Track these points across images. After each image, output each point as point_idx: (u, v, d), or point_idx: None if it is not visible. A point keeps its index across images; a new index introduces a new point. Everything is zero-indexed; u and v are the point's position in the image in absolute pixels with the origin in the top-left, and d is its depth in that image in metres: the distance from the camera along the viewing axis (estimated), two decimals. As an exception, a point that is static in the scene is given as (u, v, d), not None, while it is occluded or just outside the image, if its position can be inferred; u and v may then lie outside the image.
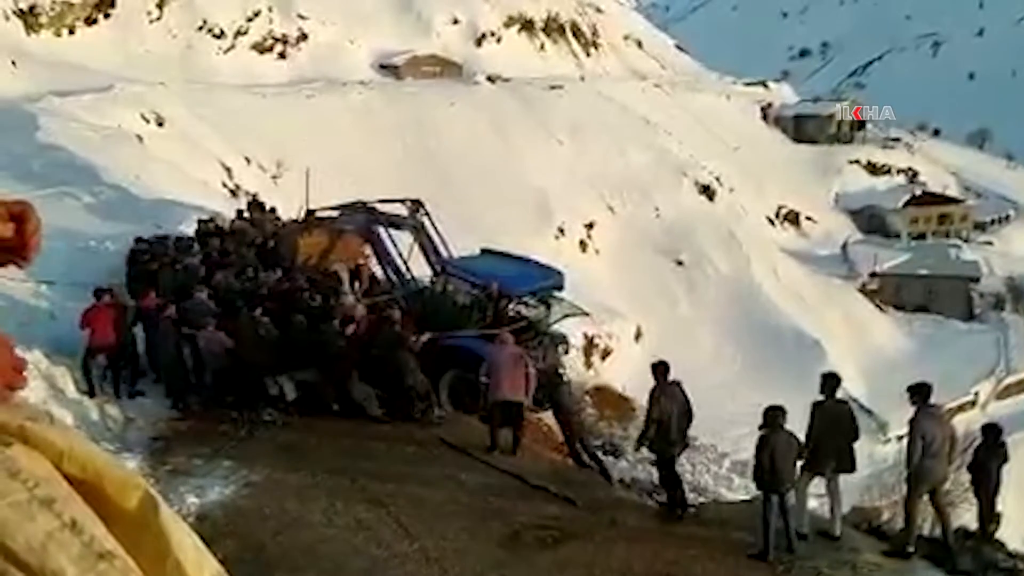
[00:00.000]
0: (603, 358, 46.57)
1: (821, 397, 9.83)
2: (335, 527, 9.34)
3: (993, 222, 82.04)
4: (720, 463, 18.60)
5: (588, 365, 40.61)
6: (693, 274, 57.72)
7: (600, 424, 17.94)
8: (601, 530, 9.64)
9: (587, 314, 15.73)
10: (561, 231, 56.79)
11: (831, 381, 9.96)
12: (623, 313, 51.42)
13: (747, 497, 10.59)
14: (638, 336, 51.41)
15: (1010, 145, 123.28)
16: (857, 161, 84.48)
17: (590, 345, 46.70)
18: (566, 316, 15.30)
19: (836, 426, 9.58)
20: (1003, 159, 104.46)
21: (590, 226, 59.17)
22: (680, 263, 58.48)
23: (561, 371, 13.24)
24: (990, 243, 77.99)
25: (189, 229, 17.81)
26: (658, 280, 56.67)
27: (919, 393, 9.19)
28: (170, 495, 9.72)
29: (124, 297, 13.33)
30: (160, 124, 43.13)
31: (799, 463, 9.49)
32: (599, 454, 12.59)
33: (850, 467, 9.73)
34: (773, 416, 9.39)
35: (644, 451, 16.85)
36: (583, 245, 57.95)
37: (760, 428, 9.47)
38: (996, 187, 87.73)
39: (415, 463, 11.08)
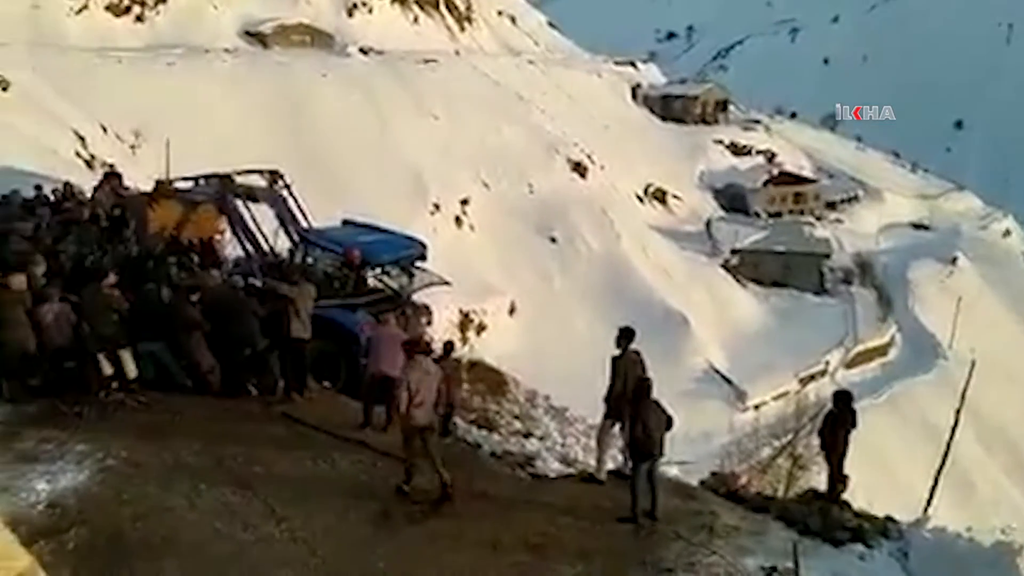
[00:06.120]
0: (478, 333, 46.84)
1: (618, 351, 10.36)
2: (199, 511, 9.03)
3: (843, 201, 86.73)
4: (591, 435, 19.01)
5: (464, 340, 40.71)
6: (566, 251, 58.62)
7: (474, 398, 18.02)
8: (472, 502, 9.71)
9: (448, 283, 15.73)
10: (436, 207, 56.43)
11: (627, 335, 10.42)
12: (498, 288, 51.80)
13: (615, 467, 10.88)
14: (512, 311, 51.93)
15: (859, 128, 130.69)
16: (721, 141, 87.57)
17: (466, 320, 46.87)
18: (429, 285, 15.29)
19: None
20: (853, 141, 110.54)
21: (465, 202, 59.09)
22: (553, 240, 59.25)
23: (428, 339, 13.27)
24: (840, 221, 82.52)
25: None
26: (532, 256, 57.27)
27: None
28: (17, 482, 9.16)
29: None
30: (4, 88, 40.16)
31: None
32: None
33: None
34: (646, 387, 9.68)
35: (517, 424, 17.07)
36: (458, 221, 57.82)
37: (631, 401, 9.76)
38: (846, 168, 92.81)
39: (284, 443, 10.83)
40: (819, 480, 12.09)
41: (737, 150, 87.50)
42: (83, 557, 7.88)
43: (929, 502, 12.05)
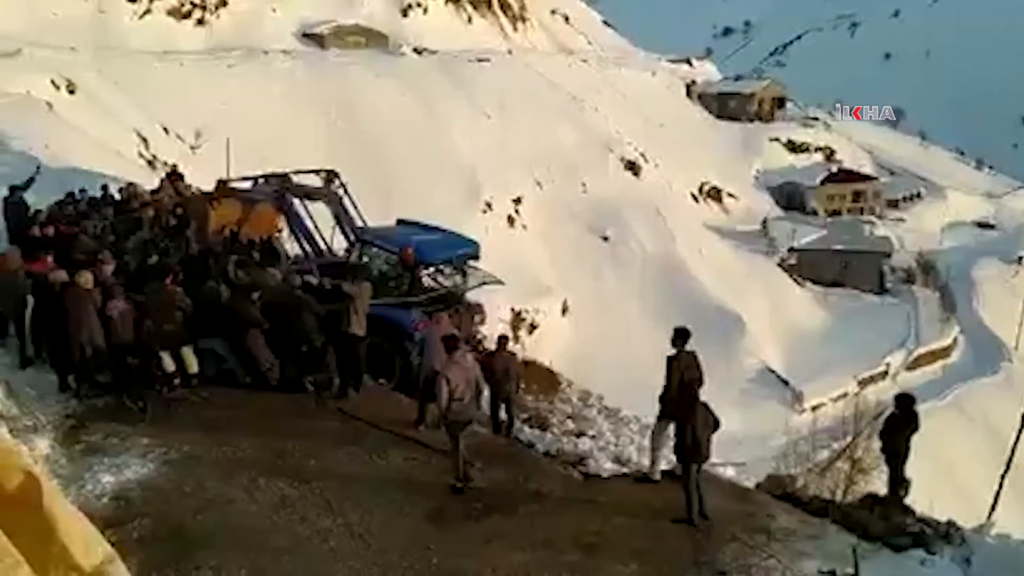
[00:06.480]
0: (530, 332, 46.88)
1: (673, 351, 10.27)
2: (257, 504, 9.21)
3: (905, 199, 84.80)
4: (644, 434, 18.85)
5: (516, 340, 40.78)
6: (619, 250, 58.34)
7: (527, 398, 18.02)
8: (527, 502, 9.73)
9: (501, 283, 15.79)
10: (489, 206, 56.63)
11: (682, 335, 10.39)
12: (551, 288, 51.77)
13: (669, 467, 10.79)
14: (565, 311, 51.85)
15: (923, 124, 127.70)
16: (777, 139, 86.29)
17: (518, 319, 46.94)
18: (482, 284, 15.37)
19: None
20: (916, 138, 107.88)
21: (518, 201, 59.19)
22: (606, 239, 59.02)
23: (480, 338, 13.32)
24: (902, 220, 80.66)
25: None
26: (585, 255, 57.11)
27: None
28: (84, 474, 9.45)
29: (15, 261, 12.77)
30: (71, 91, 41.44)
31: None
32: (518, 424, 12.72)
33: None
34: (694, 389, 9.64)
35: (570, 424, 17.04)
36: (511, 220, 57.94)
37: (679, 402, 9.71)
38: (909, 165, 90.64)
39: (340, 439, 10.97)
40: (878, 485, 11.82)
41: (794, 147, 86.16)
42: (147, 547, 8.09)
43: (993, 507, 11.74)
